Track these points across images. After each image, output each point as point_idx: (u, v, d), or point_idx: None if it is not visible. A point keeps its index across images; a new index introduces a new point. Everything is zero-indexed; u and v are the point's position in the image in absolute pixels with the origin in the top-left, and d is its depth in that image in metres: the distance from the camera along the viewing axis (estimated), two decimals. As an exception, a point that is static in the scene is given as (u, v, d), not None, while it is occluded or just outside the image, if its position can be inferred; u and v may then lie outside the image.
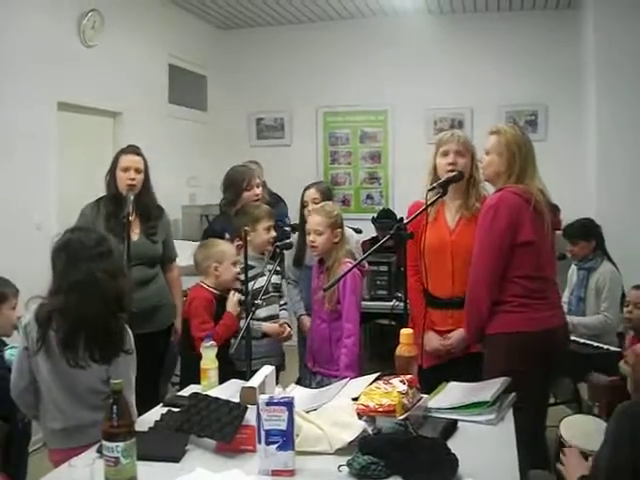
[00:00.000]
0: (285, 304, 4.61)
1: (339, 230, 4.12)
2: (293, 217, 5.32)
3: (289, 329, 4.48)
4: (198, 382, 3.30)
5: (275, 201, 5.67)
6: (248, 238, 4.00)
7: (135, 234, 4.46)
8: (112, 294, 2.86)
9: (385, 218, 6.90)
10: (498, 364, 3.34)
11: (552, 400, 5.05)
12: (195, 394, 2.87)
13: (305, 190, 4.86)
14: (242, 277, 4.07)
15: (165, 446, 2.55)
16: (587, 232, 5.41)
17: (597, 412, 4.26)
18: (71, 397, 2.88)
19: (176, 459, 2.49)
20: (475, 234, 3.53)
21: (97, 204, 4.53)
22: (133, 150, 4.56)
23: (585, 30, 7.32)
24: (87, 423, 2.81)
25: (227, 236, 4.59)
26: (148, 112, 7.19)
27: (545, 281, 3.47)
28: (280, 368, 4.19)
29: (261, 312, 4.14)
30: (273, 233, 4.48)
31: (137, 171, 4.46)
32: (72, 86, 5.94)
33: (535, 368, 3.26)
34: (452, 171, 3.72)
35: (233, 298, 4.14)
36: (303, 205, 4.83)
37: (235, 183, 4.93)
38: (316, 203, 4.60)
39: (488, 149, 3.56)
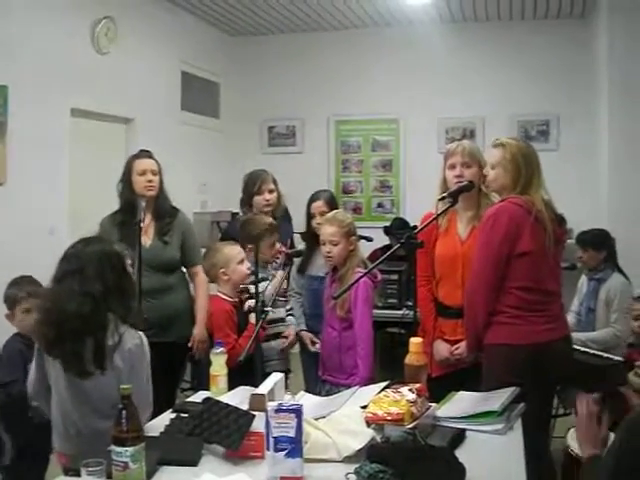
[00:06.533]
0: (291, 309, 4.64)
1: (353, 238, 4.12)
2: (298, 224, 5.28)
3: (293, 336, 4.53)
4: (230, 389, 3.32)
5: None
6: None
7: (148, 239, 4.47)
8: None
9: (399, 227, 6.90)
10: (494, 375, 3.36)
11: (561, 411, 5.04)
12: (208, 399, 2.87)
13: (311, 202, 4.84)
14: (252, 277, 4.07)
15: (182, 450, 2.57)
16: (599, 242, 5.39)
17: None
18: (84, 408, 2.86)
19: (194, 463, 2.51)
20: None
21: (114, 215, 4.56)
22: (146, 154, 4.60)
23: (598, 39, 7.31)
24: (101, 431, 2.70)
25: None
26: (160, 119, 7.23)
27: (545, 294, 3.45)
28: (287, 374, 4.21)
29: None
30: (277, 246, 4.49)
31: (153, 173, 4.50)
32: (85, 92, 5.98)
33: (529, 380, 3.22)
34: (460, 182, 3.73)
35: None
36: (310, 217, 4.82)
37: (248, 185, 4.96)
38: (323, 215, 4.59)
39: (493, 163, 3.56)
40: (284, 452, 2.32)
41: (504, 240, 3.39)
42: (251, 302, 4.07)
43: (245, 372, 3.50)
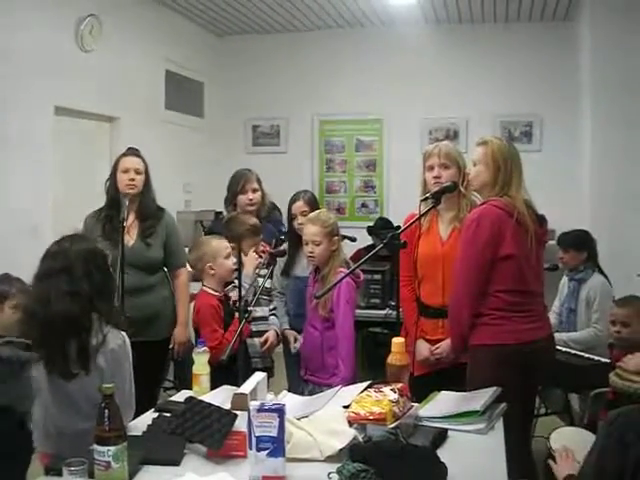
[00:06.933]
0: (275, 309, 4.64)
1: (336, 238, 4.13)
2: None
3: (273, 339, 4.51)
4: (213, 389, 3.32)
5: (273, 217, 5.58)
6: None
7: (131, 239, 4.45)
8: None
9: (382, 227, 6.91)
10: (479, 375, 3.37)
11: (543, 410, 5.07)
12: (190, 398, 2.87)
13: (292, 203, 4.83)
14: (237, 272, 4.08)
15: (165, 450, 2.57)
16: (580, 243, 5.42)
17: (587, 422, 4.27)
18: (66, 409, 2.85)
19: (177, 462, 2.51)
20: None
21: (99, 211, 4.54)
22: (133, 152, 4.58)
23: (581, 42, 7.36)
24: (83, 431, 2.66)
25: None
26: (144, 117, 7.21)
27: (528, 295, 3.48)
28: (269, 374, 4.21)
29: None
30: (260, 248, 4.50)
31: (137, 172, 4.47)
32: (69, 91, 5.95)
33: (514, 380, 3.26)
34: (438, 184, 3.74)
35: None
36: (291, 217, 4.82)
37: (232, 184, 4.96)
38: (304, 215, 4.58)
39: (475, 160, 3.59)
40: (266, 451, 2.32)
41: (487, 244, 3.40)
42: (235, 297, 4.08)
43: (228, 371, 3.50)
